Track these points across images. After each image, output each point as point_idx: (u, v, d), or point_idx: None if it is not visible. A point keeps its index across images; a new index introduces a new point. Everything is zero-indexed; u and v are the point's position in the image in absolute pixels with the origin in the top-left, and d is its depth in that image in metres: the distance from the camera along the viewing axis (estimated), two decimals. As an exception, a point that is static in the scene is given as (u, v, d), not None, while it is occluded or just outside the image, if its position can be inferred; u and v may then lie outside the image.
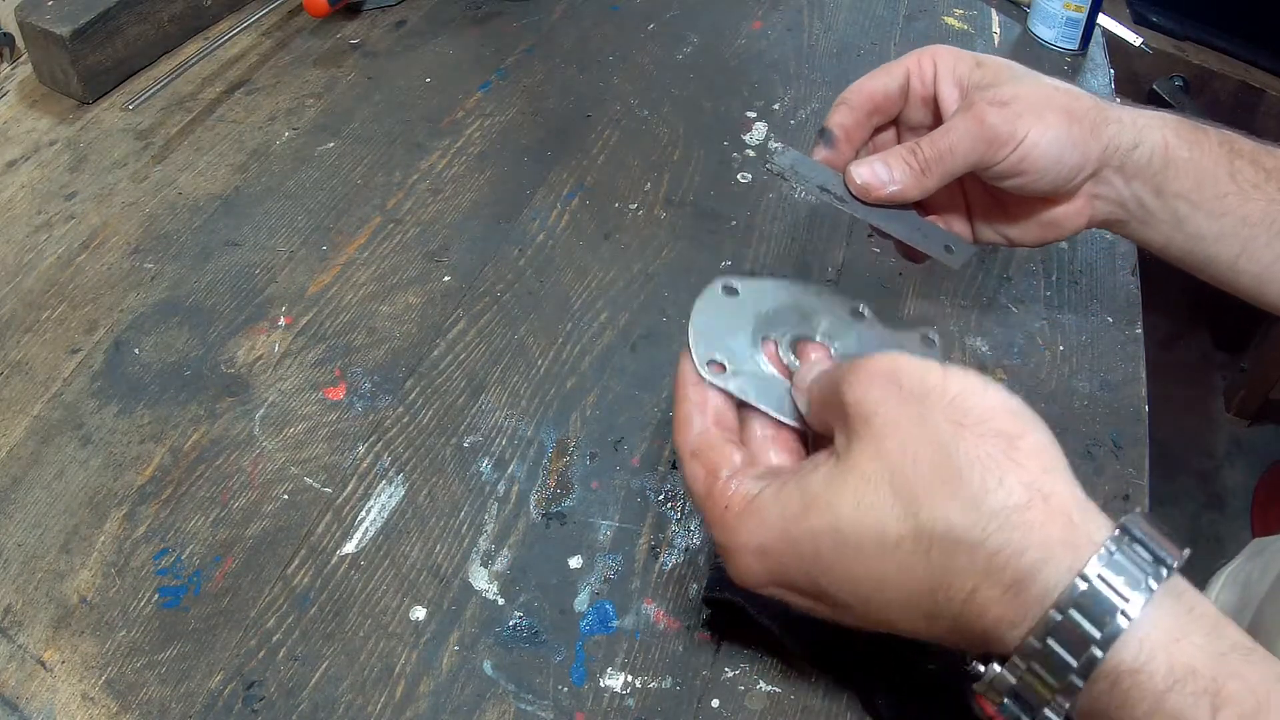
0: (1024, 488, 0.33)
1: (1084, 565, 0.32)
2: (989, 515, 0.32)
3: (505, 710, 0.47)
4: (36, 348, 0.62)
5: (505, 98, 0.83)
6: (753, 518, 0.37)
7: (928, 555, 0.33)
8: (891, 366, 0.36)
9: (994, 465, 0.33)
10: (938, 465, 0.33)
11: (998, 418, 0.34)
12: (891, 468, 0.34)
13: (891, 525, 0.34)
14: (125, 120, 0.79)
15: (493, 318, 0.65)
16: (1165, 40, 1.61)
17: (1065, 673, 0.32)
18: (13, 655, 0.48)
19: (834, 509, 0.35)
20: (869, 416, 0.35)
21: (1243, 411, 1.80)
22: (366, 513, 0.54)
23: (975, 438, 0.33)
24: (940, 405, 0.34)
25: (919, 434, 0.34)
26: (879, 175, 0.50)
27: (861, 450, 0.35)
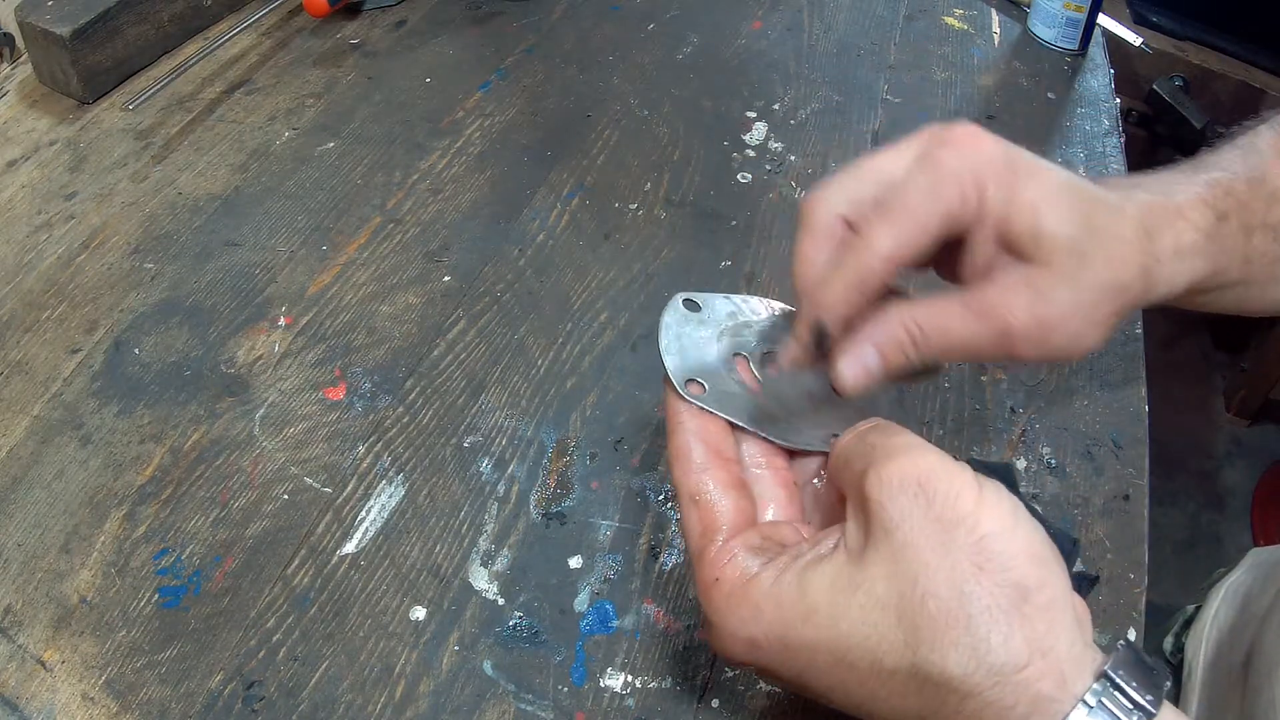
0: (1027, 648, 0.32)
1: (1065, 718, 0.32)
2: (987, 670, 0.32)
3: (505, 710, 0.47)
4: (36, 348, 0.62)
5: (505, 98, 0.83)
6: (746, 606, 0.36)
7: (920, 690, 0.33)
8: (926, 476, 0.34)
9: (1004, 619, 0.32)
10: (948, 608, 0.33)
11: (1019, 566, 0.33)
12: (902, 595, 0.33)
13: (890, 655, 0.33)
14: (125, 120, 0.79)
15: (493, 318, 0.65)
16: (1165, 40, 1.61)
17: None
18: (13, 655, 0.48)
19: (835, 626, 0.34)
20: (890, 529, 0.34)
21: (1243, 411, 1.80)
22: (366, 513, 0.54)
23: (992, 586, 0.33)
24: (967, 543, 0.33)
25: (938, 567, 0.33)
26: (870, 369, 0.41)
27: (876, 563, 0.34)
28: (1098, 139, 0.83)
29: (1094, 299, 0.40)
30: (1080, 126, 0.84)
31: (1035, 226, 0.39)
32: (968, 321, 0.40)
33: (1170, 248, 0.43)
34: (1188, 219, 0.44)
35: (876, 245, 0.39)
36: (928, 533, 0.33)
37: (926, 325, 0.40)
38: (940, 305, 0.40)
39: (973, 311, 0.40)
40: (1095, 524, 0.56)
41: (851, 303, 0.40)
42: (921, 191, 0.39)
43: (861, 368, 0.41)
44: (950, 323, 0.40)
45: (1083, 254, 0.40)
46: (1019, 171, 0.40)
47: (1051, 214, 0.39)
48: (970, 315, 0.40)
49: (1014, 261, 0.40)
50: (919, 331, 0.40)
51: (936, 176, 0.39)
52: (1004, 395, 0.62)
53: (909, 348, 0.40)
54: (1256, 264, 0.46)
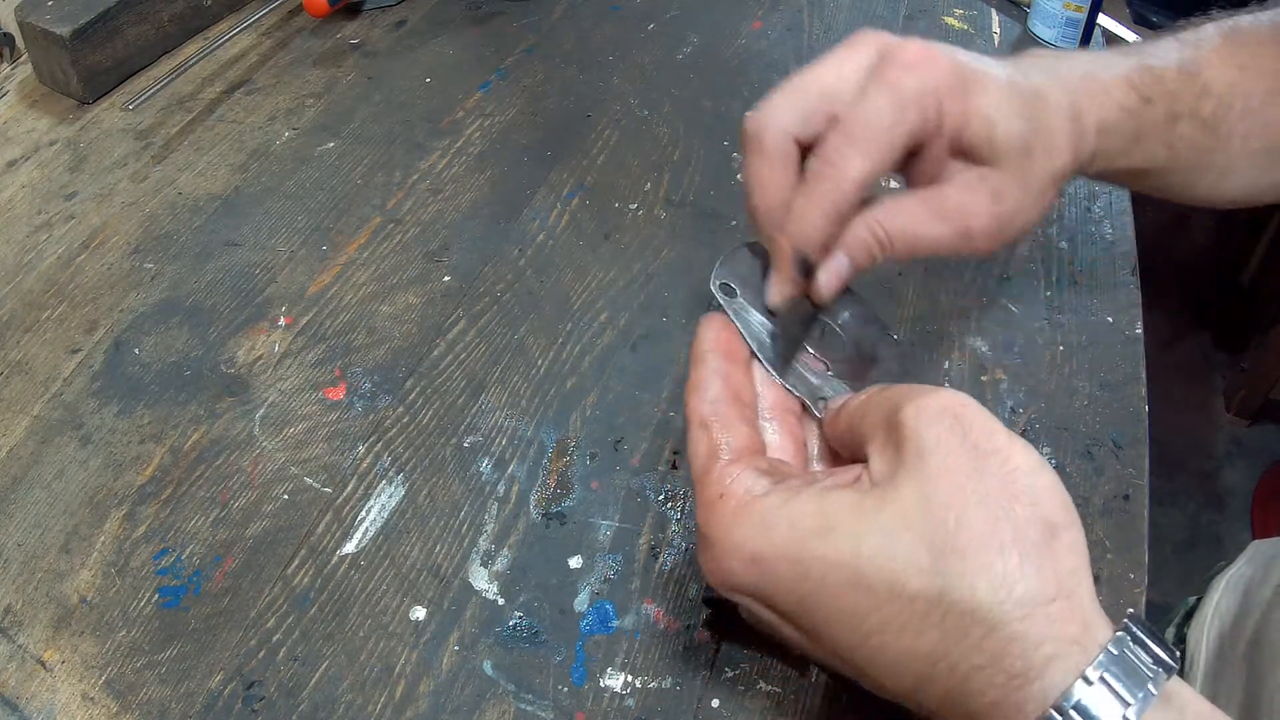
0: (1056, 582, 0.32)
1: (1089, 666, 0.31)
2: (1017, 601, 0.32)
3: (505, 710, 0.47)
4: (36, 348, 0.62)
5: (505, 98, 0.83)
6: (752, 521, 0.35)
7: (942, 621, 0.32)
8: (961, 409, 0.34)
9: (1034, 551, 0.32)
10: (983, 532, 0.32)
11: (1050, 503, 0.33)
12: (933, 517, 0.32)
13: (914, 578, 0.32)
14: (125, 120, 0.79)
15: (493, 318, 0.65)
16: (1165, 40, 1.61)
17: None
18: (13, 655, 0.48)
19: (857, 541, 0.33)
20: (925, 452, 0.33)
21: (1243, 411, 1.81)
22: (366, 513, 0.54)
23: (1025, 517, 0.33)
24: (1000, 472, 0.33)
25: (973, 491, 0.32)
26: (842, 273, 0.43)
27: (908, 484, 0.33)
28: (1098, 139, 0.83)
29: (1040, 188, 0.44)
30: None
31: (990, 135, 0.42)
32: (932, 223, 0.43)
33: (1094, 124, 0.46)
34: (1111, 96, 0.47)
35: (849, 171, 0.40)
36: (963, 458, 0.33)
37: (892, 228, 0.43)
38: (904, 209, 0.43)
39: (936, 214, 0.43)
40: (1095, 524, 0.56)
41: (829, 231, 0.42)
42: (885, 114, 0.41)
43: (835, 274, 0.43)
44: (915, 226, 0.43)
45: (1029, 150, 0.43)
46: (970, 83, 0.42)
47: (1002, 121, 0.42)
48: (934, 217, 0.43)
49: (967, 165, 0.43)
50: (885, 235, 0.43)
51: (898, 99, 0.41)
52: (1004, 395, 0.62)
53: (875, 249, 0.43)
54: (1182, 152, 0.48)
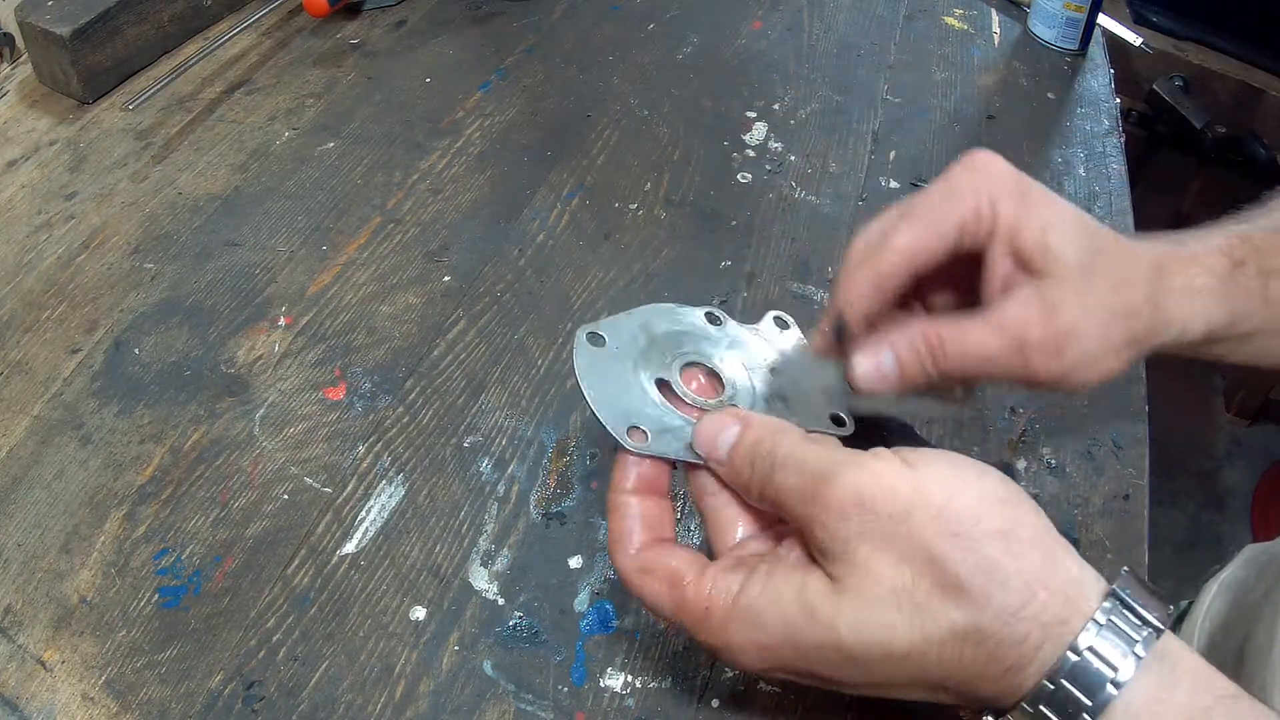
0: (1026, 584, 0.33)
1: (1076, 638, 0.33)
2: (994, 616, 0.33)
3: (505, 710, 0.47)
4: (36, 348, 0.62)
5: (505, 98, 0.83)
6: (744, 619, 0.36)
7: (938, 655, 0.34)
8: (858, 496, 0.35)
9: (996, 568, 0.34)
10: (937, 577, 0.34)
11: (989, 515, 0.34)
12: (891, 586, 0.34)
13: (899, 640, 0.34)
14: (125, 120, 0.79)
15: (493, 318, 0.65)
16: (1165, 40, 1.61)
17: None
18: (13, 655, 0.48)
19: (835, 627, 0.35)
20: (852, 552, 0.35)
21: (1243, 411, 1.81)
22: (366, 513, 0.54)
23: (971, 542, 0.34)
24: (928, 521, 0.34)
25: (911, 551, 0.34)
26: (885, 371, 0.42)
27: (853, 577, 0.35)
28: (1098, 139, 0.83)
29: (1104, 318, 0.42)
30: (1080, 126, 0.84)
31: (1044, 241, 0.41)
32: (985, 334, 0.41)
33: (1181, 285, 0.44)
34: (1201, 263, 0.45)
35: (893, 241, 0.42)
36: (889, 535, 0.34)
37: (946, 335, 0.42)
38: (960, 320, 0.42)
39: (990, 325, 0.41)
40: (1095, 524, 0.56)
41: (868, 295, 0.42)
42: (938, 199, 0.42)
43: (875, 365, 0.42)
44: (969, 334, 0.42)
45: (1090, 271, 0.42)
46: (1030, 193, 0.42)
47: (1059, 232, 0.42)
48: (988, 328, 0.41)
49: (1028, 279, 0.42)
50: (937, 341, 0.42)
51: (952, 188, 0.42)
52: (1004, 395, 0.62)
53: (925, 356, 0.42)
54: (1275, 309, 0.47)
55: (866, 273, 0.42)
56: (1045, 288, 0.41)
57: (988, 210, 0.42)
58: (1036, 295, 0.41)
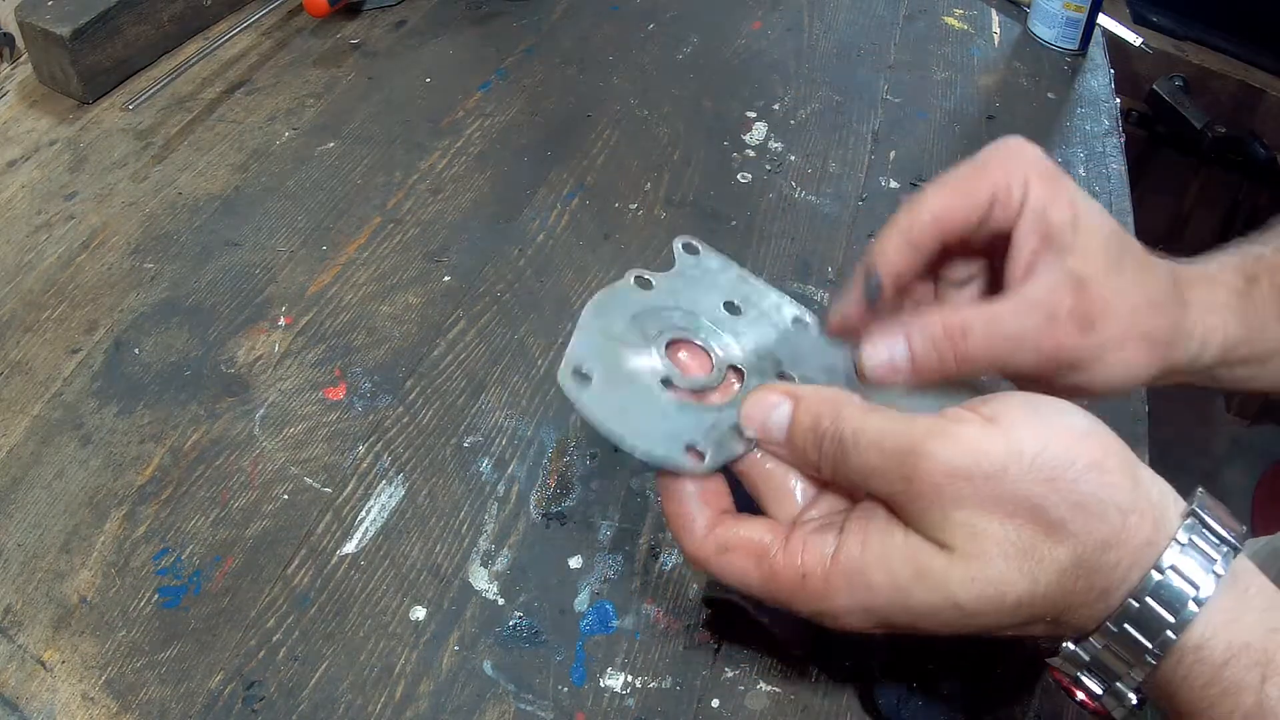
0: (1120, 512, 0.34)
1: (1160, 557, 0.34)
2: (1093, 547, 0.34)
3: (505, 710, 0.47)
4: (36, 348, 0.62)
5: (505, 98, 0.83)
6: (850, 580, 0.36)
7: (1043, 598, 0.35)
8: (951, 469, 0.34)
9: (1093, 502, 0.34)
10: (1043, 524, 0.34)
11: (1078, 452, 0.35)
12: (999, 541, 0.34)
13: (1010, 591, 0.35)
14: (125, 120, 0.79)
15: (493, 318, 0.65)
16: (1165, 40, 1.61)
17: (1140, 653, 0.35)
18: (13, 655, 0.48)
19: (948, 585, 0.35)
20: (951, 517, 0.35)
21: (1243, 411, 1.81)
22: (366, 513, 0.54)
23: (1069, 484, 0.34)
24: (1024, 474, 0.34)
25: (1014, 505, 0.34)
26: (897, 362, 0.41)
27: (959, 538, 0.35)
28: (1098, 139, 0.83)
29: (1133, 302, 0.42)
30: (1080, 126, 0.84)
31: (1075, 217, 0.41)
32: (1014, 311, 0.41)
33: (1199, 299, 0.45)
34: (1217, 280, 0.46)
35: (926, 202, 0.42)
36: (987, 499, 0.34)
37: (971, 319, 0.40)
38: (985, 304, 0.42)
39: (1020, 300, 0.41)
40: (1095, 524, 0.56)
41: (901, 251, 0.42)
42: (970, 171, 0.43)
43: (887, 355, 0.41)
44: (996, 314, 0.41)
45: (1119, 256, 0.42)
46: (1061, 178, 0.42)
47: (1088, 212, 0.42)
48: (1018, 304, 0.41)
49: (1056, 257, 0.41)
50: (960, 328, 0.40)
51: (985, 163, 0.43)
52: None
53: (944, 345, 0.40)
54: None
55: (900, 229, 0.42)
56: (1076, 263, 0.41)
57: (1019, 187, 0.42)
58: (1066, 270, 0.41)
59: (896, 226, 0.42)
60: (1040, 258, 0.41)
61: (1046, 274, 0.41)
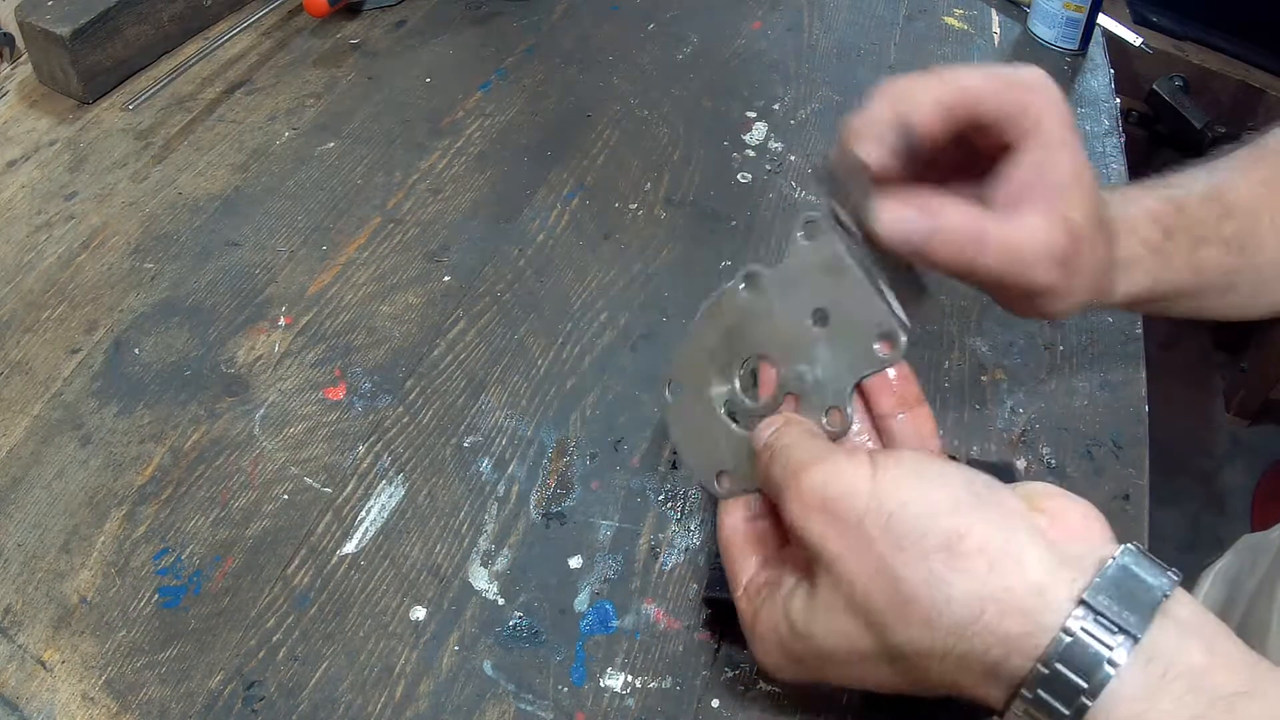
0: (973, 599, 0.34)
1: (1042, 651, 0.33)
2: (945, 633, 0.34)
3: (505, 710, 0.47)
4: (36, 348, 0.62)
5: (505, 98, 0.83)
6: (759, 635, 0.41)
7: (903, 665, 0.36)
8: (821, 496, 0.37)
9: (940, 584, 0.34)
10: (889, 596, 0.35)
11: (936, 525, 0.35)
12: (851, 601, 0.36)
13: (863, 645, 0.36)
14: (125, 120, 0.79)
15: (493, 318, 0.65)
16: (1165, 40, 1.61)
17: None
18: (13, 655, 0.48)
19: (813, 638, 0.38)
20: (818, 553, 0.37)
21: (1243, 411, 1.80)
22: (366, 513, 0.54)
23: (917, 559, 0.34)
24: (878, 531, 0.35)
25: (866, 567, 0.35)
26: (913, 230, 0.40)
27: (823, 583, 0.37)
28: (1098, 139, 0.83)
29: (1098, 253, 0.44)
30: (1080, 126, 0.84)
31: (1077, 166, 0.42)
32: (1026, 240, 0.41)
33: (1123, 253, 0.47)
34: (1136, 234, 0.47)
35: (962, 77, 0.41)
36: (846, 542, 0.36)
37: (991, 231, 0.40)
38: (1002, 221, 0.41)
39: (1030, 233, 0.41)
40: (1095, 524, 0.56)
41: (933, 112, 0.40)
42: (1003, 72, 0.42)
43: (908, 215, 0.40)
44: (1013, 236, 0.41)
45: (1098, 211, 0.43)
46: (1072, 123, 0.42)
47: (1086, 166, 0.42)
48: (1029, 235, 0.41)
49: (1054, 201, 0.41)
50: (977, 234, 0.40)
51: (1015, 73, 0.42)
52: (1004, 395, 0.62)
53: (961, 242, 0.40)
54: (1207, 274, 0.49)
55: (935, 93, 0.40)
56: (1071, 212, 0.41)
57: (1037, 113, 0.41)
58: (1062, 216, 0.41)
59: (936, 90, 0.41)
60: (1037, 194, 0.41)
61: (1047, 214, 0.41)
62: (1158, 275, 0.48)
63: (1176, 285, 0.49)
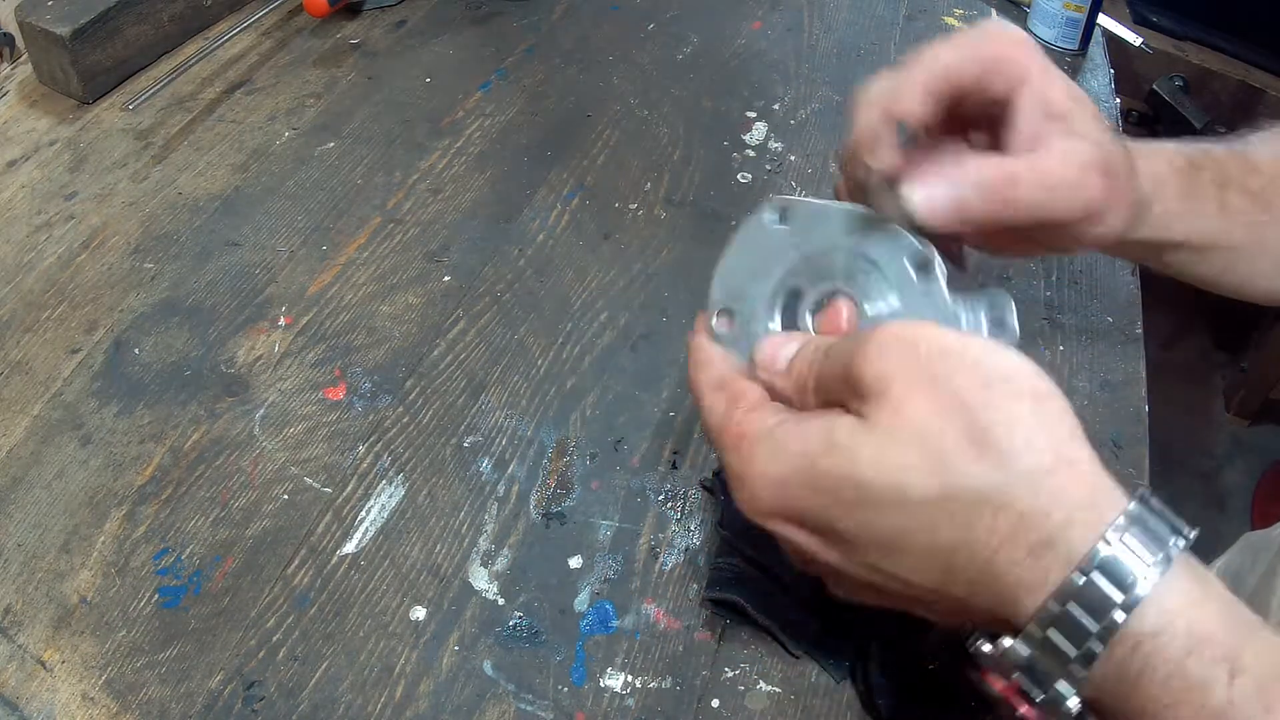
0: (1053, 450, 0.32)
1: (1107, 529, 0.31)
2: (1018, 476, 0.32)
3: (505, 710, 0.47)
4: (36, 348, 0.62)
5: (505, 98, 0.83)
6: (769, 446, 0.36)
7: (952, 516, 0.32)
8: (903, 332, 0.34)
9: (1023, 425, 0.32)
10: (966, 425, 0.32)
11: (1024, 377, 0.34)
12: (918, 427, 0.33)
13: (915, 484, 0.32)
14: (125, 120, 0.79)
15: (493, 318, 0.65)
16: (1165, 40, 1.61)
17: (1084, 638, 0.31)
18: (13, 655, 0.48)
19: (855, 459, 0.33)
20: (887, 385, 0.34)
21: (1243, 411, 1.80)
22: (366, 513, 0.54)
23: (1003, 397, 0.33)
24: (963, 367, 0.33)
25: (944, 395, 0.33)
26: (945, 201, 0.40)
27: (882, 413, 0.34)
28: (1098, 139, 0.83)
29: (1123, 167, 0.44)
30: (1080, 126, 0.84)
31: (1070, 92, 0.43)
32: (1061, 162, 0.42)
33: (1145, 170, 0.46)
34: (1160, 155, 0.48)
35: (936, 56, 0.42)
36: (924, 373, 0.33)
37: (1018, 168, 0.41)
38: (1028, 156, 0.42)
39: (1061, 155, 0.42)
40: (1095, 524, 0.56)
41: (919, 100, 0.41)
42: (969, 35, 0.43)
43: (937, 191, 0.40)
44: (1042, 162, 0.42)
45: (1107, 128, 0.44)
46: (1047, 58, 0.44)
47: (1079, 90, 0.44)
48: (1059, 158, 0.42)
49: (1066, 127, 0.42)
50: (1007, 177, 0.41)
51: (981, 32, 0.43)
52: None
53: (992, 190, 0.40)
54: (1237, 223, 0.49)
55: (915, 80, 0.41)
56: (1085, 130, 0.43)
57: (1016, 60, 0.42)
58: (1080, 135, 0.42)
59: (912, 79, 0.42)
60: (1048, 127, 0.42)
61: (1067, 138, 0.42)
62: (1187, 200, 0.48)
63: (1206, 224, 0.48)
